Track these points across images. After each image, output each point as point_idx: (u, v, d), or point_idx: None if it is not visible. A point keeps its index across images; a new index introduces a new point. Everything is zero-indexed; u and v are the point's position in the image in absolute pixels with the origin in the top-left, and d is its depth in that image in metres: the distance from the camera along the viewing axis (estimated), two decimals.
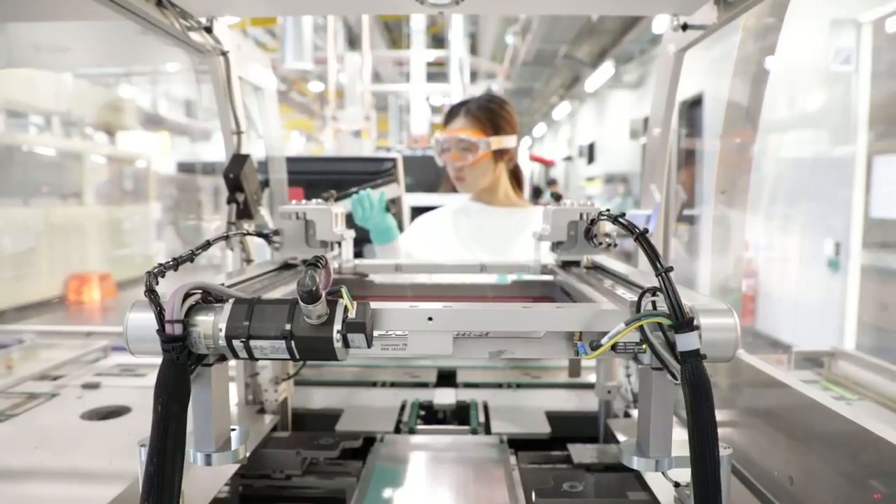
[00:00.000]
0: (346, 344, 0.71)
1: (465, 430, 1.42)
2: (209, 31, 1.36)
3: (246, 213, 1.40)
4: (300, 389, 1.61)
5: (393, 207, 1.96)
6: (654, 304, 0.72)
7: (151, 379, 0.69)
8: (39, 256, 6.51)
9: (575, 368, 1.71)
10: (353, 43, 10.90)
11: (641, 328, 0.71)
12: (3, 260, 6.02)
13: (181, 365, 0.69)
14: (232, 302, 0.72)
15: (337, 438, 1.31)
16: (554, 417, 1.46)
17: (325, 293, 0.70)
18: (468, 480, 1.15)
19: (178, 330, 0.69)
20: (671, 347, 0.69)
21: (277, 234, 1.19)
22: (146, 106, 9.70)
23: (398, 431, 1.41)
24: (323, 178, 2.46)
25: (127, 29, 1.27)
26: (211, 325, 0.71)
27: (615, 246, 1.08)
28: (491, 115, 1.94)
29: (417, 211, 2.30)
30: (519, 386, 1.70)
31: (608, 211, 0.93)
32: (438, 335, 0.77)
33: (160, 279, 0.71)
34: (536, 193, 11.83)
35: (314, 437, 1.33)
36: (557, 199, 1.18)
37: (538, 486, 1.12)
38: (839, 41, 4.64)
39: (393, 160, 2.57)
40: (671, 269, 0.67)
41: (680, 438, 0.76)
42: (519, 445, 1.33)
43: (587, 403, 1.52)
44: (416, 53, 7.79)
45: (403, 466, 1.23)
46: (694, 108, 7.03)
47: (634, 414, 1.38)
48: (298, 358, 0.72)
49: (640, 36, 9.23)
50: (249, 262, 1.45)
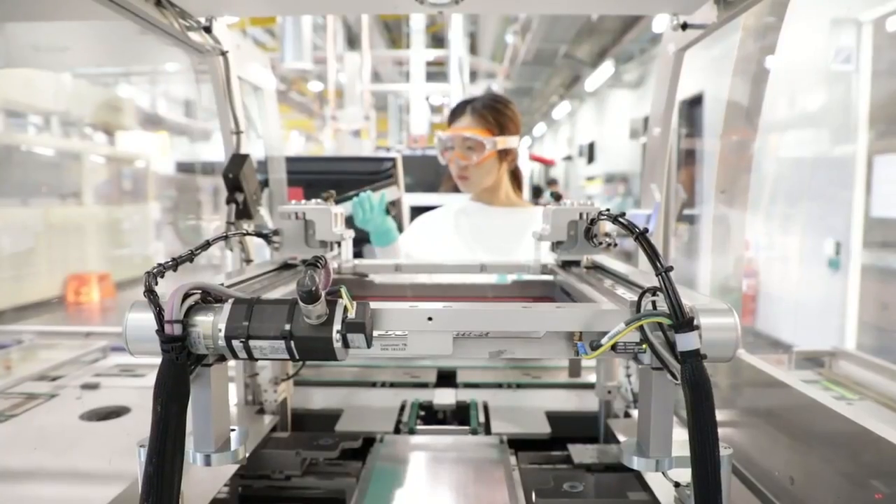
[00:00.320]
0: (345, 344, 0.71)
1: (465, 430, 1.42)
2: (208, 30, 1.36)
3: (245, 213, 1.39)
4: (300, 390, 1.61)
5: (393, 209, 1.96)
6: (654, 303, 0.71)
7: (151, 379, 0.69)
8: (38, 256, 6.50)
9: (575, 368, 1.71)
10: (352, 42, 10.88)
11: (641, 328, 0.71)
12: (2, 260, 6.02)
13: (181, 365, 0.69)
14: (231, 302, 0.72)
15: (336, 439, 1.31)
16: (554, 417, 1.45)
17: (324, 293, 0.70)
18: (468, 481, 1.15)
19: (177, 330, 0.69)
20: (671, 347, 0.69)
21: (277, 234, 1.19)
22: (145, 106, 9.68)
23: (398, 432, 1.40)
24: (322, 177, 2.46)
25: (126, 29, 1.27)
26: (210, 325, 0.71)
27: (615, 246, 1.08)
28: (497, 114, 1.92)
29: (417, 211, 2.30)
30: (519, 386, 1.69)
31: (608, 210, 0.93)
32: (438, 335, 0.77)
33: (159, 279, 0.70)
34: (536, 193, 11.82)
35: (314, 437, 1.32)
36: (557, 198, 1.18)
37: (538, 486, 1.12)
38: (839, 40, 4.64)
39: (392, 160, 2.57)
40: (671, 268, 0.67)
41: (680, 438, 0.76)
42: (519, 445, 1.33)
43: (587, 403, 1.52)
44: (415, 53, 7.77)
45: (403, 467, 1.23)
46: (694, 107, 7.03)
47: (634, 414, 1.38)
48: (298, 358, 0.72)
49: (640, 35, 9.22)
50: (249, 262, 1.44)
